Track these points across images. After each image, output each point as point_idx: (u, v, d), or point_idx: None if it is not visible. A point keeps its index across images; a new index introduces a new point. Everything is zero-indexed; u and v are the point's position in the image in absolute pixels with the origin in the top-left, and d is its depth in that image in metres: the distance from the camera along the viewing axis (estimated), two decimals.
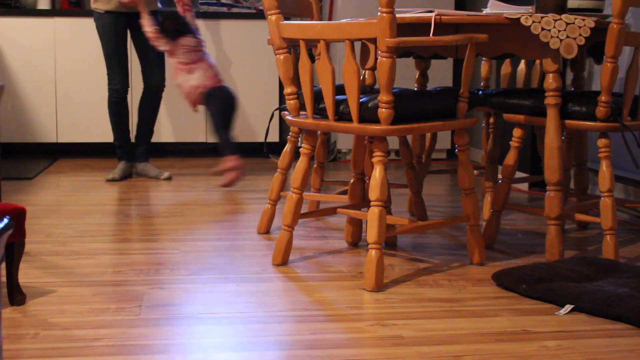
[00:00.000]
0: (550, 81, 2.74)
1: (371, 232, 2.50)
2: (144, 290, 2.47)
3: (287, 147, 3.22)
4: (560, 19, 2.65)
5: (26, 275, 2.60)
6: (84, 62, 5.30)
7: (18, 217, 2.26)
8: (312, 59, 3.45)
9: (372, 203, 2.51)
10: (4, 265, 2.28)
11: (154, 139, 5.44)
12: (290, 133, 3.24)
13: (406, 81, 5.31)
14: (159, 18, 4.40)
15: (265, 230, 3.28)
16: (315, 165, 3.55)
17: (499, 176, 3.04)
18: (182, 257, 2.88)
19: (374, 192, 2.51)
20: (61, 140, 5.35)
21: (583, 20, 2.64)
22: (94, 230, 3.29)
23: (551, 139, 2.77)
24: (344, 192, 3.38)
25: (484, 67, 3.75)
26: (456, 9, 5.45)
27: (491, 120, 3.64)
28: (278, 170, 3.25)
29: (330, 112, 2.61)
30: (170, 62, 4.44)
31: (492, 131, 3.63)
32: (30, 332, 2.09)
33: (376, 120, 2.53)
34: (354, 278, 2.64)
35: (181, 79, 4.39)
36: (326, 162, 5.14)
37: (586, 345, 2.05)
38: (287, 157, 3.22)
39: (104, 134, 5.37)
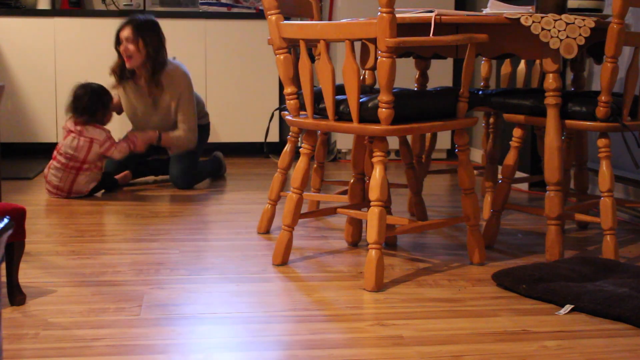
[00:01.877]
0: (550, 81, 2.74)
1: (371, 232, 2.50)
2: (144, 290, 2.47)
3: (287, 147, 3.22)
4: (560, 19, 2.65)
5: (26, 275, 2.60)
6: (84, 62, 5.30)
7: (18, 217, 2.26)
8: (312, 59, 3.45)
9: (372, 203, 2.51)
10: (4, 265, 2.28)
11: None
12: (290, 133, 3.24)
13: (406, 81, 5.31)
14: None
15: (265, 230, 3.27)
16: (315, 165, 3.55)
17: (499, 176, 3.04)
18: (182, 257, 2.88)
19: (374, 192, 2.51)
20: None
21: (583, 20, 2.64)
22: (94, 230, 3.29)
23: (551, 139, 2.77)
24: (344, 192, 3.38)
25: (484, 67, 3.75)
26: (456, 9, 5.45)
27: (491, 120, 3.64)
28: (278, 170, 3.25)
29: (330, 112, 2.61)
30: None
31: (492, 131, 3.63)
32: (30, 332, 2.09)
33: (376, 120, 2.52)
34: (354, 278, 2.64)
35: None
36: (326, 162, 5.14)
37: (586, 345, 2.05)
38: (287, 157, 3.22)
39: None
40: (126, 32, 4.15)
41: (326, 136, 3.55)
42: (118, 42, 4.20)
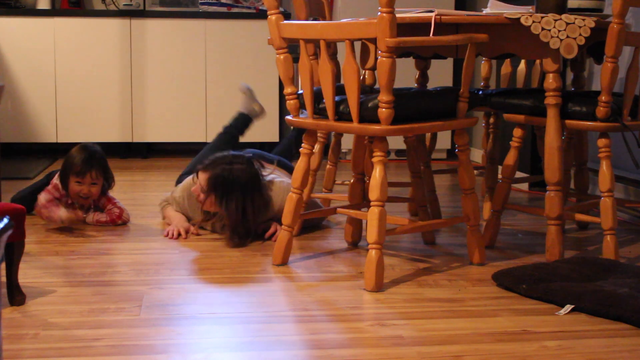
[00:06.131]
0: (550, 81, 2.74)
1: (371, 232, 2.50)
2: (144, 290, 2.47)
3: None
4: (560, 19, 2.65)
5: (26, 275, 2.60)
6: (84, 62, 5.30)
7: (18, 217, 2.26)
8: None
9: (372, 203, 2.51)
10: (4, 265, 2.28)
11: (153, 139, 5.44)
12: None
13: (406, 81, 5.31)
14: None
15: None
16: (328, 166, 3.55)
17: (499, 176, 3.04)
18: (182, 257, 2.88)
19: (374, 192, 2.51)
20: (61, 140, 5.35)
21: (583, 20, 2.64)
22: (94, 230, 3.29)
23: (551, 139, 2.77)
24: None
25: (484, 67, 3.75)
26: (456, 9, 5.45)
27: (491, 120, 3.64)
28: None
29: (330, 112, 2.61)
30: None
31: (492, 131, 3.63)
32: (30, 332, 2.09)
33: (376, 120, 2.52)
34: (354, 278, 2.64)
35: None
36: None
37: (586, 345, 2.05)
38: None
39: (104, 133, 5.37)
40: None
41: (340, 137, 3.54)
42: None
